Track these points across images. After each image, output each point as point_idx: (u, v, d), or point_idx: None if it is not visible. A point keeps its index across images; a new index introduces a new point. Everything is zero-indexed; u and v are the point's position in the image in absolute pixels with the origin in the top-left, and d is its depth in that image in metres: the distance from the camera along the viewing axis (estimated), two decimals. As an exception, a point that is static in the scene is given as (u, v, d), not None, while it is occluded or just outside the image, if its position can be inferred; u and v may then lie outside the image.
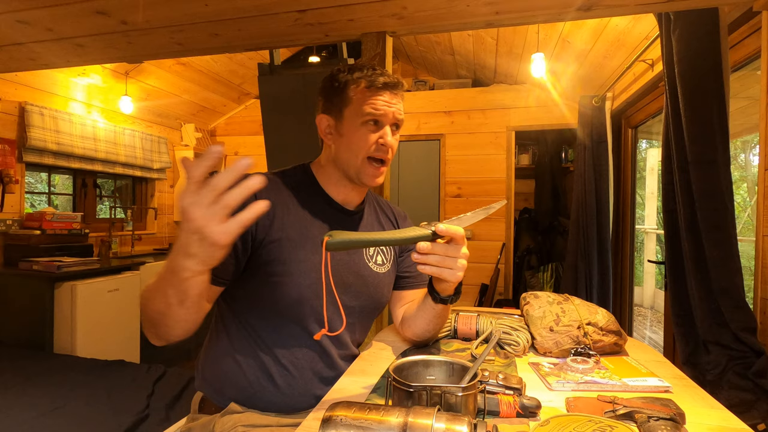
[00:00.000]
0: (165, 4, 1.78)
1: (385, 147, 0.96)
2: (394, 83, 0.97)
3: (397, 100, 0.98)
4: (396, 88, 0.98)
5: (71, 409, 1.85)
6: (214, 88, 4.19)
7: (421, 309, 1.00)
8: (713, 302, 1.51)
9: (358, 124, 0.96)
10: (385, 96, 0.96)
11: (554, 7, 1.69)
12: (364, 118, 0.95)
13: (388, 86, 0.96)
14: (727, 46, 1.55)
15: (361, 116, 0.95)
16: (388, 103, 0.96)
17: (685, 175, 1.61)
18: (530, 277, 4.20)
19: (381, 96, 0.96)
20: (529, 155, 4.46)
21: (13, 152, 2.97)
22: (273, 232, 0.91)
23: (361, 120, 0.95)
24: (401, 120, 0.99)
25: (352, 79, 0.97)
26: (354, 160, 0.97)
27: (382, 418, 0.56)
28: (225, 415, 0.92)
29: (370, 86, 0.95)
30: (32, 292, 2.69)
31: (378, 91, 0.96)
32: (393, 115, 0.97)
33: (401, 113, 0.99)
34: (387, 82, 0.96)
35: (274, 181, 0.97)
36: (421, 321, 1.01)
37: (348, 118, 0.97)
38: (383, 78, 0.96)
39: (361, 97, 0.95)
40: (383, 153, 0.97)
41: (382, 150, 0.96)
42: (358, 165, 0.97)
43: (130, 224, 3.99)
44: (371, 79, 0.96)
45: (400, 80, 0.99)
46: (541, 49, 2.95)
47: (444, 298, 0.93)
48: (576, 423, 0.64)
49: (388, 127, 0.97)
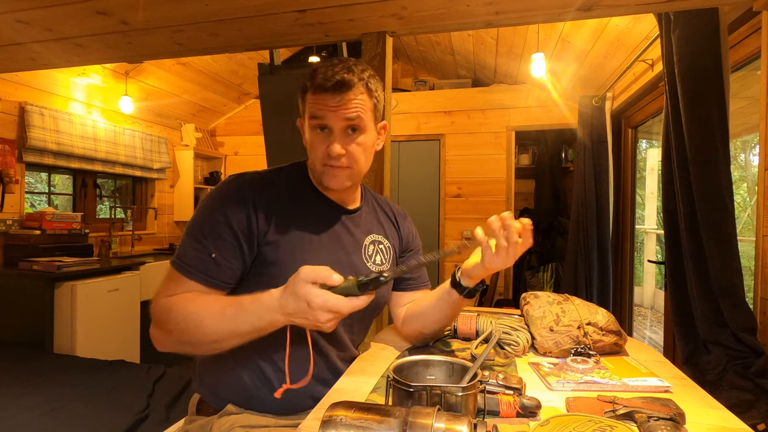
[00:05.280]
0: (165, 4, 1.78)
1: (332, 157, 0.89)
2: (334, 84, 0.87)
3: (345, 102, 0.88)
4: (337, 89, 0.87)
5: (71, 409, 1.85)
6: (214, 88, 4.19)
7: (437, 305, 1.01)
8: (713, 302, 1.51)
9: (309, 131, 0.92)
10: (327, 98, 0.88)
11: (554, 7, 1.69)
12: (311, 123, 0.91)
13: (326, 88, 0.87)
14: (727, 46, 1.55)
15: (309, 123, 0.91)
16: (330, 107, 0.88)
17: (685, 174, 1.61)
18: (530, 277, 4.20)
19: (323, 99, 0.88)
20: (529, 155, 4.46)
21: (13, 152, 2.97)
22: (271, 233, 0.90)
23: (310, 127, 0.91)
24: (355, 120, 0.89)
25: (309, 82, 0.91)
26: (314, 167, 0.95)
27: (382, 418, 0.56)
28: (222, 417, 0.92)
29: (315, 89, 0.89)
30: (32, 292, 2.69)
31: (320, 94, 0.88)
32: (340, 117, 0.88)
33: (353, 112, 0.88)
34: (327, 86, 0.87)
35: (271, 180, 0.96)
36: (437, 315, 1.02)
37: (306, 124, 0.94)
38: (325, 80, 0.87)
39: (311, 101, 0.90)
40: (333, 161, 0.90)
41: (332, 159, 0.90)
42: (318, 170, 0.94)
43: (130, 224, 3.99)
44: (313, 81, 0.89)
45: (344, 79, 0.87)
46: (541, 49, 2.95)
47: (473, 289, 0.94)
48: (576, 423, 0.64)
49: (338, 134, 0.90)
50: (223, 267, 0.86)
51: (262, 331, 0.77)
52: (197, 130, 4.50)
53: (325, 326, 0.71)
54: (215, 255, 0.86)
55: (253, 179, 0.94)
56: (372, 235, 1.06)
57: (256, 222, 0.89)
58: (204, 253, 0.85)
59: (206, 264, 0.85)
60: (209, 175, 4.72)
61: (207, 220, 0.88)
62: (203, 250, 0.86)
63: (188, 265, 0.85)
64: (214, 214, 0.88)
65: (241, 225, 0.87)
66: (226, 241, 0.86)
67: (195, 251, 0.86)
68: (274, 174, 0.98)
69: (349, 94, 0.88)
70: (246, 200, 0.89)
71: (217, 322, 0.78)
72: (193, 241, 0.87)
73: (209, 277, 0.85)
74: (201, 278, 0.85)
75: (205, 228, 0.87)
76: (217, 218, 0.87)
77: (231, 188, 0.91)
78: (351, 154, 0.92)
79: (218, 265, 0.86)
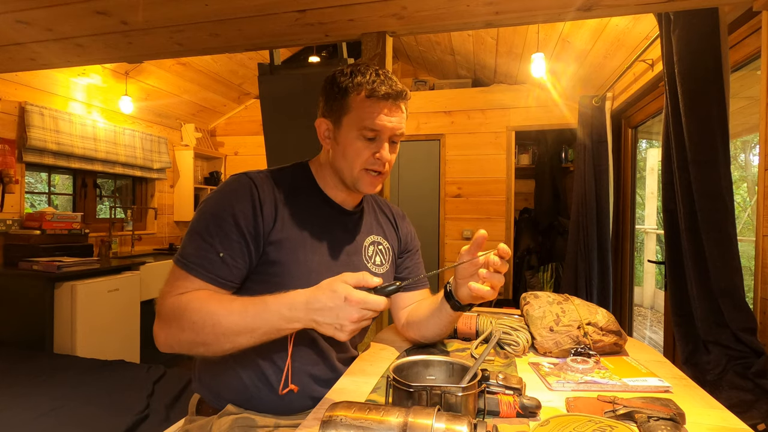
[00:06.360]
0: (165, 4, 1.78)
1: (381, 161, 0.92)
2: (397, 93, 0.90)
3: (398, 113, 0.91)
4: (399, 98, 0.91)
5: (71, 409, 1.85)
6: (214, 88, 4.19)
7: (435, 316, 1.01)
8: (713, 302, 1.51)
9: (354, 136, 0.91)
10: (385, 108, 0.90)
11: (554, 7, 1.69)
12: (361, 131, 0.90)
13: (390, 96, 0.89)
14: (727, 46, 1.55)
15: (358, 128, 0.90)
16: (388, 118, 0.90)
17: (685, 174, 1.61)
18: (530, 277, 4.19)
19: (381, 108, 0.89)
20: (529, 155, 4.46)
21: (13, 152, 2.97)
22: (275, 232, 0.90)
23: (357, 132, 0.91)
24: (401, 134, 0.94)
25: (352, 85, 0.90)
26: (349, 170, 0.94)
27: (382, 418, 0.56)
28: (222, 417, 0.91)
29: (371, 96, 0.89)
30: (32, 292, 2.68)
31: (378, 102, 0.89)
32: (393, 129, 0.91)
33: (401, 127, 0.93)
34: (389, 93, 0.89)
35: (273, 180, 0.95)
36: (434, 326, 1.03)
37: (345, 127, 0.92)
38: (385, 87, 0.89)
39: (360, 107, 0.90)
40: (379, 166, 0.93)
41: (378, 164, 0.93)
42: (355, 175, 0.94)
43: (130, 224, 3.99)
44: (372, 88, 0.89)
45: (404, 89, 0.92)
46: (541, 49, 2.95)
47: (465, 306, 0.94)
48: (576, 423, 0.64)
49: (387, 141, 0.92)
50: (230, 266, 0.86)
51: (278, 333, 0.76)
52: (197, 130, 4.50)
53: (348, 327, 0.71)
54: (223, 254, 0.85)
55: (257, 178, 0.93)
56: (372, 236, 1.07)
57: (261, 220, 0.88)
58: (211, 252, 0.85)
59: (214, 263, 0.84)
60: (209, 175, 4.72)
61: (213, 219, 0.87)
62: (210, 249, 0.85)
63: (195, 264, 0.84)
64: (221, 212, 0.87)
65: (248, 223, 0.87)
66: (233, 240, 0.86)
67: (202, 250, 0.85)
68: (276, 174, 0.98)
69: (402, 105, 0.93)
70: (252, 198, 0.89)
71: (236, 319, 0.76)
72: (199, 240, 0.86)
73: (217, 276, 0.85)
74: (209, 278, 0.84)
75: (211, 226, 0.86)
76: (223, 216, 0.86)
77: (236, 186, 0.91)
78: (390, 163, 0.95)
79: (226, 265, 0.85)
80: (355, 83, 0.90)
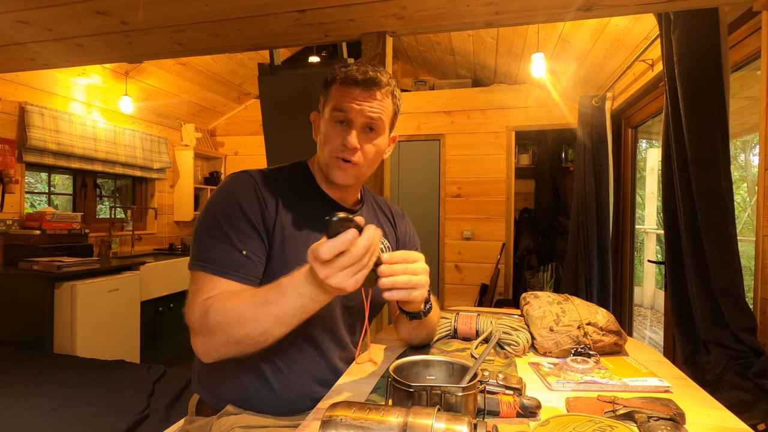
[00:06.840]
0: (165, 4, 1.78)
1: (348, 148, 0.89)
2: (368, 79, 0.88)
3: (370, 99, 0.89)
4: (371, 84, 0.88)
5: (71, 409, 1.85)
6: (214, 88, 4.19)
7: (401, 323, 1.01)
8: (713, 302, 1.51)
9: (327, 122, 0.92)
10: (356, 92, 0.88)
11: (554, 7, 1.69)
12: (333, 115, 0.90)
13: (360, 82, 0.88)
14: (727, 46, 1.55)
15: (330, 113, 0.90)
16: (356, 100, 0.88)
17: (685, 174, 1.61)
18: (530, 277, 4.19)
19: (351, 92, 0.88)
20: (529, 155, 4.46)
21: (13, 152, 2.97)
22: (277, 230, 0.90)
23: (330, 117, 0.91)
24: (376, 120, 0.90)
25: (333, 74, 0.91)
26: (323, 158, 0.94)
27: (382, 418, 0.56)
28: (221, 417, 0.91)
29: (344, 82, 0.89)
30: (32, 292, 2.68)
31: (349, 87, 0.88)
32: (363, 113, 0.88)
33: (375, 115, 0.89)
34: (360, 79, 0.87)
35: (273, 178, 0.95)
36: (404, 333, 1.04)
37: (324, 115, 0.93)
38: (359, 75, 0.88)
39: (335, 93, 0.90)
40: (348, 154, 0.90)
41: (347, 151, 0.90)
42: (327, 162, 0.93)
43: (130, 224, 3.99)
44: (346, 75, 0.89)
45: (378, 78, 0.89)
46: (541, 49, 2.95)
47: (416, 314, 0.90)
48: (576, 423, 0.64)
49: (357, 129, 0.90)
50: (255, 262, 0.85)
51: (305, 310, 0.72)
52: (197, 130, 4.50)
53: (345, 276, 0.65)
54: (245, 252, 0.84)
55: (257, 175, 0.93)
56: None
57: (267, 215, 0.89)
58: (233, 251, 0.83)
59: (239, 261, 0.83)
60: (209, 175, 4.72)
61: (225, 218, 0.86)
62: (232, 248, 0.84)
63: (221, 265, 0.82)
64: (230, 210, 0.86)
65: (258, 218, 0.87)
66: (250, 237, 0.85)
67: (224, 251, 0.83)
68: (275, 172, 0.98)
69: (377, 93, 0.89)
70: (256, 194, 0.89)
71: (260, 310, 0.73)
72: (216, 241, 0.84)
73: (246, 274, 0.83)
74: (237, 277, 0.83)
75: (224, 226, 0.85)
76: (234, 214, 0.86)
77: (238, 183, 0.90)
78: (364, 152, 0.92)
79: (251, 261, 0.85)
80: (336, 74, 0.91)
